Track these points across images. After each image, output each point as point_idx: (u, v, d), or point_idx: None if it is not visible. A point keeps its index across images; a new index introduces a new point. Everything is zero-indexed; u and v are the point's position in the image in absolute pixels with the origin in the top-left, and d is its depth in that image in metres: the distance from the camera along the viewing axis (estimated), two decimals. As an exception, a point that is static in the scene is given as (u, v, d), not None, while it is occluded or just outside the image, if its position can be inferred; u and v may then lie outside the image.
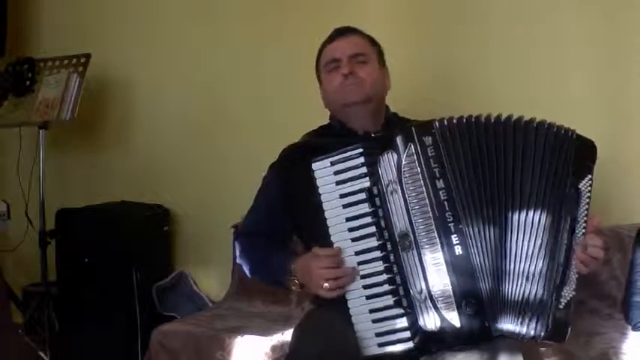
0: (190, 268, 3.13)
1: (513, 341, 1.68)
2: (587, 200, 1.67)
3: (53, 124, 3.07)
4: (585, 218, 1.65)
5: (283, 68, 2.94)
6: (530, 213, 1.62)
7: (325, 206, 1.69)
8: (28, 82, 3.08)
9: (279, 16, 2.97)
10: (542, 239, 1.62)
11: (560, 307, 1.62)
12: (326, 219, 1.69)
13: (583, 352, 2.03)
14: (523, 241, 1.62)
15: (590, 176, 1.67)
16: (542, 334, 1.61)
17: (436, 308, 1.61)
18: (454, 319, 1.61)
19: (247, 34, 3.03)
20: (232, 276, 2.86)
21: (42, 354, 2.87)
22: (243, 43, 3.04)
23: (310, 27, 2.85)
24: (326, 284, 1.67)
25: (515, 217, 1.62)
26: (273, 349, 2.25)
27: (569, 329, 1.62)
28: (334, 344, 1.62)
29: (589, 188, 1.67)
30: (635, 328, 2.17)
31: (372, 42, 1.99)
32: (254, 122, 3.03)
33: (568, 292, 1.63)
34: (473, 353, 1.63)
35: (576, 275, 1.63)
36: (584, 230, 1.64)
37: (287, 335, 2.17)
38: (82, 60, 3.01)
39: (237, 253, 2.00)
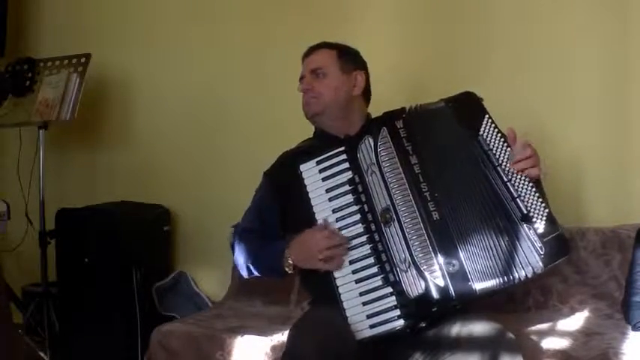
0: (190, 268, 3.13)
1: (513, 341, 1.68)
2: (499, 135, 1.77)
3: (53, 124, 3.07)
4: (506, 148, 1.75)
5: (283, 68, 2.93)
6: (465, 176, 1.76)
7: (313, 201, 1.85)
8: (28, 82, 3.08)
9: (279, 16, 2.97)
10: (482, 196, 1.72)
11: (540, 231, 1.68)
12: (314, 214, 1.83)
13: (583, 352, 2.03)
14: (471, 201, 1.73)
15: (486, 117, 1.80)
16: (540, 264, 1.66)
17: (420, 272, 1.69)
18: (438, 278, 1.67)
19: (247, 35, 3.03)
20: (232, 276, 2.86)
21: (42, 354, 2.87)
22: (244, 43, 3.04)
23: (311, 27, 2.86)
24: (321, 255, 1.77)
25: (460, 183, 1.76)
26: (273, 349, 2.25)
27: (569, 240, 1.73)
28: (330, 343, 1.65)
29: (492, 126, 1.79)
30: (635, 328, 2.17)
31: (340, 52, 2.09)
32: (254, 122, 3.03)
33: (539, 214, 1.69)
34: (473, 353, 1.64)
35: (536, 196, 1.70)
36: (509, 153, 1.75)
37: (287, 335, 2.17)
38: (82, 60, 3.01)
39: (233, 253, 2.07)
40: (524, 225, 1.68)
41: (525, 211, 1.69)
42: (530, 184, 1.72)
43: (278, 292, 2.71)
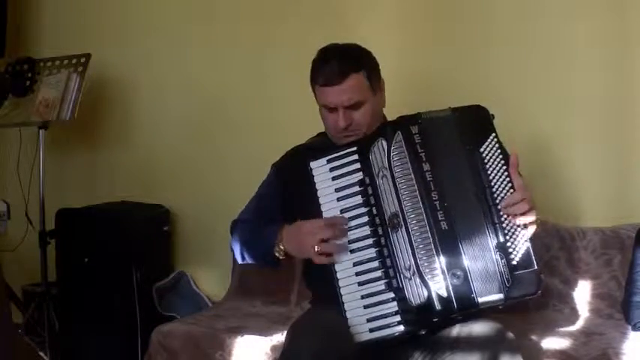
0: (190, 268, 3.13)
1: (513, 341, 1.69)
2: (500, 157, 1.73)
3: (53, 124, 3.07)
4: (503, 172, 1.72)
5: (283, 68, 2.94)
6: (466, 188, 1.73)
7: (321, 200, 1.82)
8: (28, 82, 3.07)
9: (279, 16, 2.97)
10: (474, 210, 1.70)
11: (513, 263, 1.66)
12: (322, 212, 1.81)
13: (583, 352, 2.04)
14: (473, 215, 1.71)
15: (492, 136, 1.75)
16: (503, 295, 1.65)
17: (424, 281, 1.68)
18: (441, 289, 1.66)
19: (247, 35, 3.03)
20: (232, 276, 2.86)
21: (42, 354, 2.87)
22: (244, 43, 3.04)
23: (311, 27, 2.86)
24: (317, 247, 1.75)
25: (456, 198, 1.73)
26: (273, 349, 2.25)
27: (541, 280, 1.67)
28: (328, 344, 1.64)
29: (495, 146, 1.74)
30: (635, 328, 2.18)
31: (367, 71, 1.92)
32: (254, 122, 3.03)
33: (516, 246, 1.66)
34: (473, 353, 1.64)
35: (519, 229, 1.68)
36: (507, 180, 1.70)
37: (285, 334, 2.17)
38: (82, 60, 3.01)
39: (230, 240, 2.05)
40: (498, 253, 1.67)
41: (502, 240, 1.67)
42: None
43: (278, 292, 2.71)
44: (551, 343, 2.11)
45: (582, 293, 2.40)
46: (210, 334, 2.39)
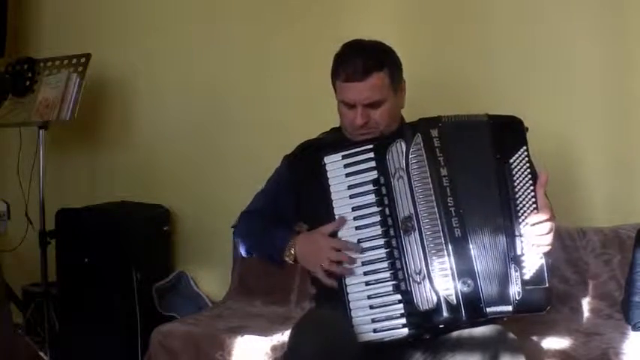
0: (190, 268, 3.13)
1: (515, 341, 1.69)
2: (527, 170, 1.73)
3: (53, 124, 3.07)
4: (529, 187, 1.71)
5: (283, 68, 2.94)
6: (488, 197, 1.73)
7: (333, 196, 1.79)
8: (28, 82, 3.07)
9: (279, 16, 2.97)
10: (493, 219, 1.70)
11: (526, 277, 1.66)
12: (333, 208, 1.78)
13: (583, 352, 2.04)
14: (490, 224, 1.70)
15: (522, 148, 1.75)
16: (512, 307, 1.66)
17: (433, 287, 1.67)
18: (451, 296, 1.66)
19: (247, 34, 3.03)
20: (232, 276, 2.86)
21: (42, 354, 2.87)
22: (243, 43, 3.04)
23: (311, 27, 2.86)
24: (325, 266, 1.75)
25: (474, 205, 1.72)
26: (273, 349, 2.25)
27: (551, 298, 1.68)
28: (332, 343, 1.64)
29: (525, 159, 1.74)
30: (635, 328, 2.18)
31: (390, 70, 1.88)
32: (254, 122, 3.03)
33: (532, 260, 1.67)
34: (474, 354, 1.64)
35: (538, 246, 1.68)
36: (531, 195, 1.70)
37: (287, 335, 2.17)
38: (82, 60, 3.01)
39: (236, 231, 2.03)
40: (512, 266, 1.67)
41: (520, 253, 1.68)
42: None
43: (278, 292, 2.71)
44: (552, 343, 2.11)
45: (582, 293, 2.40)
46: (210, 334, 2.39)
